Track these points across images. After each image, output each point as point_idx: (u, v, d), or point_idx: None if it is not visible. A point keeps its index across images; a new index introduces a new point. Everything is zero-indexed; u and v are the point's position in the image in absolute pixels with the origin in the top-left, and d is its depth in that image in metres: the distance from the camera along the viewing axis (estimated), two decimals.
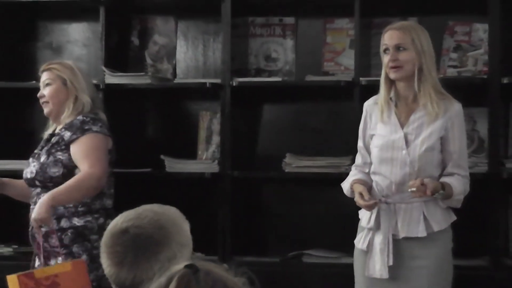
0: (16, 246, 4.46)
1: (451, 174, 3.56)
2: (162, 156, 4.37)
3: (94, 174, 3.70)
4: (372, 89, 4.05)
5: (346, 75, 4.38)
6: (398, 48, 3.59)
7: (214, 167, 4.31)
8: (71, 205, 3.68)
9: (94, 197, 3.70)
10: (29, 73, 4.63)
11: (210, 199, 4.34)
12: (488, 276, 4.03)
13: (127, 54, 4.70)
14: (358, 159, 3.77)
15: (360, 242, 3.65)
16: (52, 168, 3.77)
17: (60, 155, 3.78)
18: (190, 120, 4.58)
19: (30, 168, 3.82)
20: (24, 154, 4.25)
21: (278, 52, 4.55)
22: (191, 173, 4.35)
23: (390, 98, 3.65)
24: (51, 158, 3.79)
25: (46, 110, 3.88)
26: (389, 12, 4.42)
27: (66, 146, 3.78)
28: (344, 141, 4.29)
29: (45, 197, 3.66)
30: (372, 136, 3.73)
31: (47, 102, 3.86)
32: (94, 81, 4.22)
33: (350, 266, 3.94)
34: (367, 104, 3.82)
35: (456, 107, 3.61)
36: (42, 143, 3.92)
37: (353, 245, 3.94)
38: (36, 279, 3.42)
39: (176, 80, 4.59)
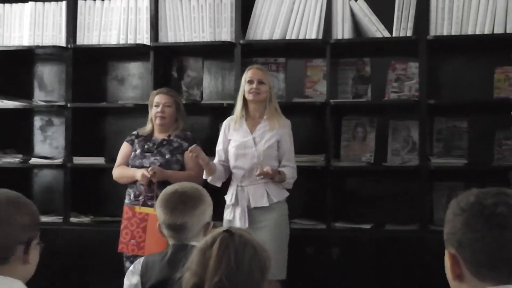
0: (92, 216, 4.88)
1: (284, 166, 4.11)
2: None
3: (200, 177, 4.19)
4: (338, 108, 4.67)
5: (320, 98, 4.73)
6: (259, 81, 4.08)
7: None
8: None
9: None
10: (101, 97, 5.18)
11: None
12: (418, 237, 4.41)
13: (169, 83, 4.99)
14: (217, 157, 4.23)
15: (227, 215, 4.14)
16: (174, 165, 4.34)
17: (179, 157, 4.33)
18: (213, 129, 4.93)
19: (149, 160, 4.30)
20: (97, 153, 4.92)
21: (273, 82, 4.72)
22: None
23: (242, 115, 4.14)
24: (174, 157, 4.32)
25: (161, 122, 4.36)
26: (350, 55, 4.83)
27: (183, 151, 4.35)
28: (319, 144, 4.65)
29: (167, 171, 4.18)
30: (230, 140, 4.22)
31: (164, 118, 4.38)
32: (146, 103, 4.55)
33: (322, 230, 4.55)
34: (226, 121, 4.27)
35: (286, 122, 4.12)
36: (153, 144, 4.31)
37: (324, 216, 4.55)
38: (133, 212, 4.11)
39: (203, 101, 4.97)
